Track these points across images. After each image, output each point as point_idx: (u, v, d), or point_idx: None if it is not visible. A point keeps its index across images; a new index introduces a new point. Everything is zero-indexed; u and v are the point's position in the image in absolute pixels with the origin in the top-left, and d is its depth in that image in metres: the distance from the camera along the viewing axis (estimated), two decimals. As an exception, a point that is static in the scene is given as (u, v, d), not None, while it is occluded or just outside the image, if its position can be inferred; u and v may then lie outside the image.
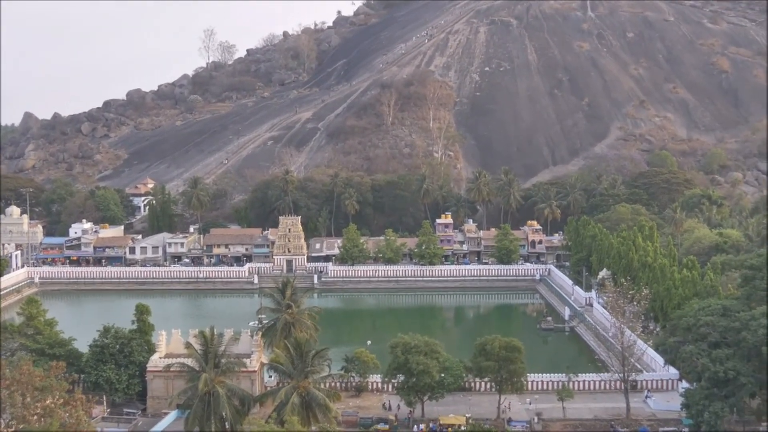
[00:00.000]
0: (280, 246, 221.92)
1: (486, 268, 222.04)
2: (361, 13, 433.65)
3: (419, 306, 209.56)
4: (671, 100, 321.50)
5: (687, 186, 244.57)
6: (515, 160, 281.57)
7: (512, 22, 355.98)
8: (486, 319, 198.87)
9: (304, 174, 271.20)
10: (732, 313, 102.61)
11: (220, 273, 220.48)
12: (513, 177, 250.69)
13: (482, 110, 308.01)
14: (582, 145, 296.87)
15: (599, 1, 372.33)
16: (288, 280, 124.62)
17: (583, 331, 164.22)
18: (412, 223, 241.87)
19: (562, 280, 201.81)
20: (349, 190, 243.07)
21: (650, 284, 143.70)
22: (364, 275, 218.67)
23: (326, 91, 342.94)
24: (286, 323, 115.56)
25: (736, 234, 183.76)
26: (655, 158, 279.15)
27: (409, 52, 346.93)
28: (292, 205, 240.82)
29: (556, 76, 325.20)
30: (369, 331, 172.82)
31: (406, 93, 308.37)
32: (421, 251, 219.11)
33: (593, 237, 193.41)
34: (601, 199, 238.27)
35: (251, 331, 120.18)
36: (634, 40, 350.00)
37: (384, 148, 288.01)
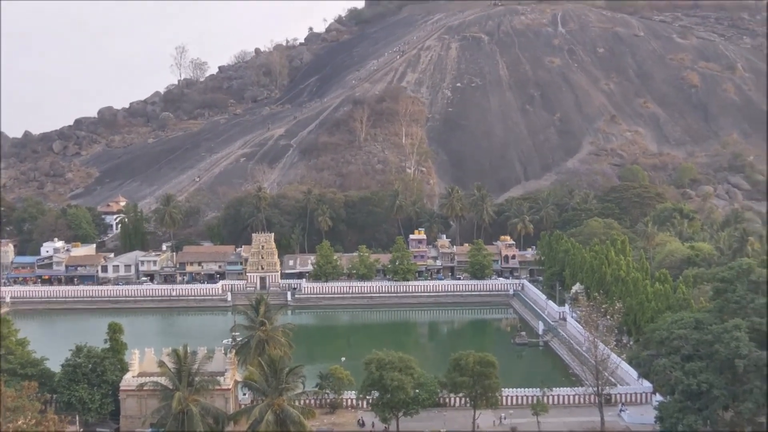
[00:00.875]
0: (254, 263, 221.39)
1: (460, 284, 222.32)
2: (332, 29, 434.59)
3: (393, 322, 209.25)
4: (642, 115, 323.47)
5: (658, 200, 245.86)
6: (488, 176, 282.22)
7: (484, 38, 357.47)
8: (460, 335, 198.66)
9: (277, 191, 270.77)
10: (704, 326, 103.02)
11: (193, 291, 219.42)
12: (486, 192, 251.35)
13: (454, 126, 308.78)
14: (554, 160, 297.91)
15: (570, 16, 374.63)
16: (261, 298, 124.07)
17: (557, 346, 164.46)
18: (386, 239, 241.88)
19: (535, 295, 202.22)
20: (322, 206, 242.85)
21: (623, 298, 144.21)
22: (338, 292, 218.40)
23: (298, 108, 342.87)
24: (260, 340, 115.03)
25: (708, 247, 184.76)
26: (627, 172, 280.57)
27: (381, 69, 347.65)
28: (265, 222, 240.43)
29: (527, 92, 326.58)
30: (343, 347, 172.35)
31: (379, 109, 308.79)
32: (395, 267, 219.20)
33: (566, 251, 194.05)
34: (574, 214, 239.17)
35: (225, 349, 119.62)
36: (604, 56, 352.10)
37: (357, 164, 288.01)
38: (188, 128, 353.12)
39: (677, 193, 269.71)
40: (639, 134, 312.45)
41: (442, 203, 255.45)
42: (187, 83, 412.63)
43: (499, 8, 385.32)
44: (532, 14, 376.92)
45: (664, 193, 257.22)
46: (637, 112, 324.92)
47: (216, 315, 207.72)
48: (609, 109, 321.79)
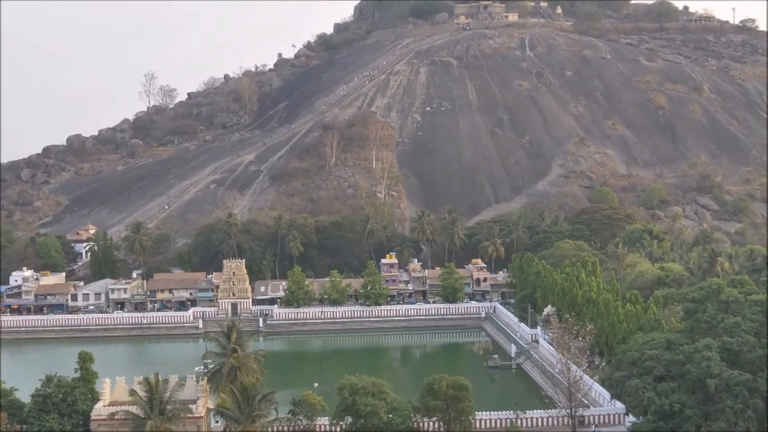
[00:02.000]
0: (225, 290, 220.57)
1: (432, 307, 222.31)
2: (301, 55, 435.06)
3: (366, 347, 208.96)
4: (610, 137, 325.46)
5: (628, 221, 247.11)
6: (458, 199, 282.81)
7: (452, 63, 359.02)
8: (433, 358, 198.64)
9: (248, 217, 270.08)
10: (676, 346, 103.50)
11: (164, 318, 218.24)
12: (456, 216, 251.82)
13: (424, 150, 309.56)
14: (524, 182, 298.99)
15: (537, 40, 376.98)
16: (233, 324, 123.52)
17: (529, 368, 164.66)
18: (357, 264, 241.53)
19: (507, 318, 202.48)
20: (293, 232, 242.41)
21: (595, 319, 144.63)
22: (310, 317, 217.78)
23: (268, 134, 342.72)
24: (232, 367, 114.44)
25: (678, 268, 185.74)
26: (596, 194, 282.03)
27: (351, 94, 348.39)
28: (236, 249, 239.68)
29: (497, 115, 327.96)
30: (316, 373, 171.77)
31: (349, 134, 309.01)
32: (367, 292, 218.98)
33: (537, 274, 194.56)
34: (544, 236, 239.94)
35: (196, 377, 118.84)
36: (572, 79, 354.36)
37: (327, 189, 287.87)
38: (158, 155, 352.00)
39: (647, 214, 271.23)
40: (608, 156, 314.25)
41: (413, 227, 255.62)
42: (156, 110, 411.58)
43: (467, 32, 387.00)
44: (500, 38, 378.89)
45: (633, 215, 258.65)
46: (605, 134, 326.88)
47: (187, 342, 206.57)
48: (578, 131, 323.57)
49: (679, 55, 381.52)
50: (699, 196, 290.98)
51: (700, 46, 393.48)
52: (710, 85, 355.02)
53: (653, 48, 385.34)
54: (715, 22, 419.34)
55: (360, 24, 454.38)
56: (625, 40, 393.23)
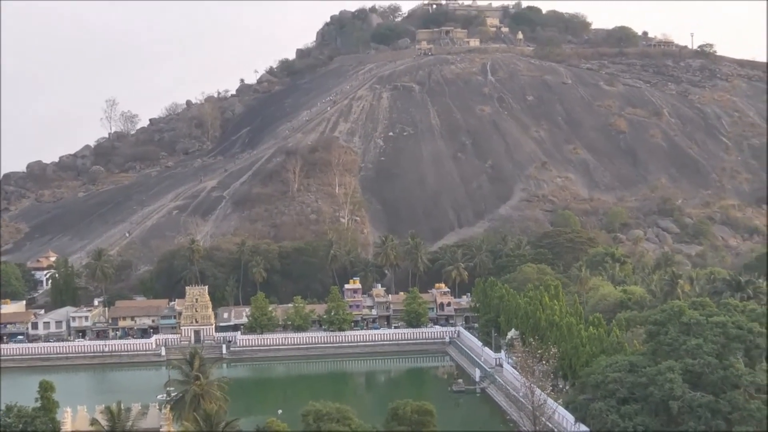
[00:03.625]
0: (188, 316, 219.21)
1: (396, 333, 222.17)
2: (264, 80, 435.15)
3: (330, 372, 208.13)
4: (572, 161, 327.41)
5: (590, 245, 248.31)
6: (421, 224, 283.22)
7: (414, 88, 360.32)
8: (397, 384, 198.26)
9: (211, 243, 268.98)
10: (639, 368, 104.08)
11: (126, 346, 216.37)
12: (420, 240, 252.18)
13: (387, 175, 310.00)
14: (487, 207, 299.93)
15: (499, 65, 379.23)
16: (196, 351, 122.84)
17: (494, 392, 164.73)
18: (321, 290, 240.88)
19: (471, 342, 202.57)
20: (256, 258, 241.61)
21: (558, 343, 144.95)
22: (274, 343, 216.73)
23: (231, 159, 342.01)
24: (195, 395, 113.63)
25: (640, 290, 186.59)
26: (559, 218, 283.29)
27: (314, 119, 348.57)
28: (198, 275, 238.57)
29: (459, 140, 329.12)
30: (280, 400, 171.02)
31: (311, 159, 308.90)
32: (331, 317, 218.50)
33: (501, 298, 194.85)
34: (508, 260, 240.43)
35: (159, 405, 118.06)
36: (534, 103, 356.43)
37: (290, 214, 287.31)
38: (119, 181, 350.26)
39: (608, 238, 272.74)
40: (570, 180, 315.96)
41: (377, 252, 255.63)
42: (117, 136, 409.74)
43: (430, 58, 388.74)
44: (461, 63, 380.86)
45: (595, 238, 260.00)
46: (567, 158, 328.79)
47: (150, 370, 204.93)
48: (539, 155, 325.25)
49: (638, 79, 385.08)
50: (660, 220, 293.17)
51: (659, 71, 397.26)
52: (670, 110, 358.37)
53: (613, 73, 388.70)
54: (674, 47, 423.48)
55: (322, 49, 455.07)
56: (585, 65, 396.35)
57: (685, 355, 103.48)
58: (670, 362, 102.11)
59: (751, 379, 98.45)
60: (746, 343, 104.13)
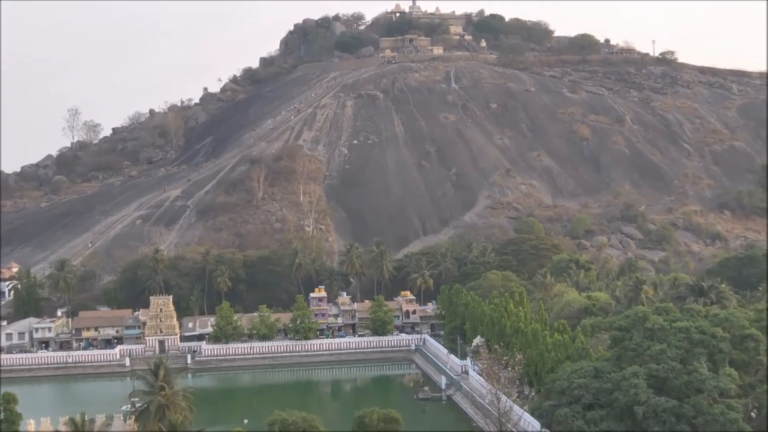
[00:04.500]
0: (152, 326, 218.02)
1: (361, 341, 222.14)
2: (227, 89, 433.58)
3: (296, 381, 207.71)
4: (536, 168, 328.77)
5: (555, 251, 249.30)
6: (387, 232, 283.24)
7: (379, 96, 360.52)
8: (363, 392, 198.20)
9: (175, 252, 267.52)
10: (603, 374, 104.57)
11: (89, 357, 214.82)
12: (385, 248, 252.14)
13: (352, 183, 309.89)
14: (451, 214, 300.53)
15: (463, 73, 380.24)
16: (160, 361, 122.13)
17: (460, 399, 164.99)
18: (286, 298, 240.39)
19: (437, 349, 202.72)
20: (220, 267, 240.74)
21: (523, 349, 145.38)
22: (239, 353, 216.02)
23: (195, 168, 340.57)
24: (160, 405, 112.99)
25: (604, 296, 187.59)
26: (523, 225, 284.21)
27: (278, 127, 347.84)
28: (163, 285, 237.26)
29: (423, 148, 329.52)
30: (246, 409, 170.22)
31: (276, 168, 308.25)
32: (296, 326, 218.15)
33: (466, 305, 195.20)
34: (473, 267, 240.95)
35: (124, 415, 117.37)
36: (497, 111, 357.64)
37: (255, 223, 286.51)
38: (82, 191, 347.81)
39: (573, 244, 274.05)
40: (534, 187, 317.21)
41: (342, 260, 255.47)
42: (80, 146, 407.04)
43: (393, 66, 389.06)
44: (425, 71, 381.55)
45: (560, 245, 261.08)
46: (531, 165, 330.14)
47: (114, 381, 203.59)
48: (504, 163, 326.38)
49: (601, 86, 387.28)
50: (623, 226, 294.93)
51: (621, 78, 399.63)
52: (632, 116, 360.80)
53: (576, 80, 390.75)
54: (635, 54, 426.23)
55: (286, 58, 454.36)
56: (548, 73, 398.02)
57: (649, 360, 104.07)
58: (634, 368, 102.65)
59: (714, 383, 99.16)
60: (709, 348, 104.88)
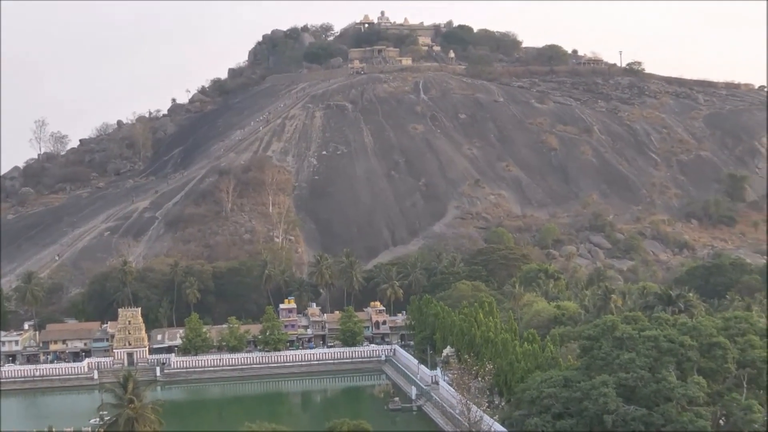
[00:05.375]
0: (121, 339, 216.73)
1: (331, 352, 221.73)
2: (196, 100, 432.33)
3: (266, 393, 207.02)
4: (505, 178, 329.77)
5: (524, 261, 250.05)
6: (356, 242, 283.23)
7: (347, 106, 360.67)
8: (334, 403, 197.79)
9: (143, 264, 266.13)
10: (573, 383, 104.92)
11: (57, 370, 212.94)
12: (354, 259, 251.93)
13: (321, 194, 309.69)
14: (421, 224, 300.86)
15: (431, 84, 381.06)
16: (129, 374, 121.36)
17: (430, 410, 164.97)
18: (256, 310, 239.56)
19: (407, 360, 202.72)
20: (189, 278, 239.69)
21: (493, 359, 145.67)
22: (208, 365, 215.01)
23: (163, 180, 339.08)
24: (129, 419, 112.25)
25: (573, 306, 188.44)
26: (492, 235, 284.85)
27: (247, 138, 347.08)
28: (131, 297, 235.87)
29: (392, 158, 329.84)
30: (215, 422, 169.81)
31: (245, 179, 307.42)
32: (266, 337, 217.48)
33: (436, 315, 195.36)
34: (442, 278, 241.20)
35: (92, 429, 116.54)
36: (466, 121, 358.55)
37: (224, 234, 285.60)
38: (49, 203, 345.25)
39: (542, 254, 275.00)
40: (503, 197, 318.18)
41: (312, 271, 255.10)
42: (47, 157, 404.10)
43: (362, 77, 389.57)
44: (394, 82, 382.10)
45: (529, 254, 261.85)
46: (499, 175, 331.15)
47: (82, 394, 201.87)
48: (473, 173, 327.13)
49: (569, 97, 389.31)
50: (592, 235, 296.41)
51: (589, 89, 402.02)
52: (600, 126, 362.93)
53: (544, 90, 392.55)
54: (603, 65, 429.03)
55: (255, 69, 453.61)
56: (516, 83, 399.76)
57: (618, 369, 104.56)
58: (603, 377, 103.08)
59: (683, 391, 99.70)
60: (678, 357, 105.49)
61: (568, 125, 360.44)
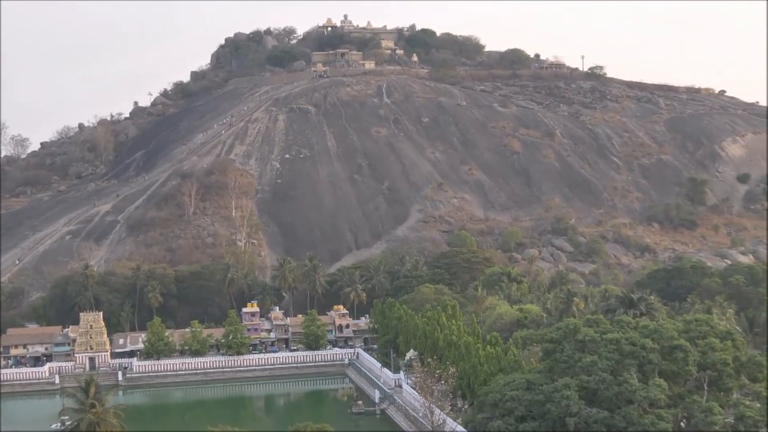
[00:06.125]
0: (82, 343, 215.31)
1: (294, 355, 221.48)
2: (158, 103, 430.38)
3: (229, 397, 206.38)
4: (468, 182, 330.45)
5: (487, 264, 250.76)
6: (319, 246, 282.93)
7: (311, 110, 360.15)
8: (297, 407, 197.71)
9: (105, 268, 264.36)
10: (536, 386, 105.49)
11: (18, 375, 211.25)
12: (317, 262, 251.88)
13: (284, 197, 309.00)
14: (384, 228, 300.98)
15: (394, 87, 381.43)
16: (91, 379, 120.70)
17: (393, 413, 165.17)
18: (218, 314, 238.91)
19: (370, 363, 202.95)
20: (152, 282, 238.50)
21: (456, 362, 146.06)
22: (171, 369, 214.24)
23: (125, 183, 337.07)
24: (91, 423, 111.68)
25: (536, 309, 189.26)
26: (455, 238, 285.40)
27: (209, 141, 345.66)
28: (93, 301, 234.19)
29: (355, 162, 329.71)
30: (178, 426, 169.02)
31: (207, 182, 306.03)
32: (228, 341, 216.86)
33: (399, 318, 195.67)
34: (405, 281, 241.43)
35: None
36: (429, 125, 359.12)
37: (186, 238, 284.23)
38: (10, 207, 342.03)
39: (504, 257, 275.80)
40: (465, 200, 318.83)
41: (275, 275, 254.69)
42: (7, 160, 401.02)
43: (325, 80, 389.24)
44: (357, 85, 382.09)
45: (491, 258, 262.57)
46: (462, 179, 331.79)
47: (43, 399, 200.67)
48: (436, 176, 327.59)
49: (531, 101, 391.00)
50: (554, 239, 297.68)
51: (551, 93, 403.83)
52: (562, 130, 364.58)
53: (507, 94, 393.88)
54: (565, 69, 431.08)
55: (217, 72, 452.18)
56: (479, 87, 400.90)
57: (580, 372, 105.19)
58: (566, 379, 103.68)
59: (644, 394, 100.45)
60: (639, 359, 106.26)
61: (530, 129, 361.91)
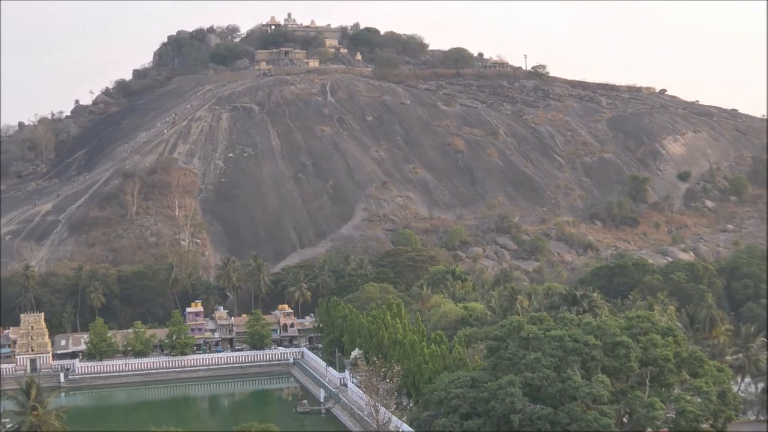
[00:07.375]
0: (23, 345, 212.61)
1: (239, 355, 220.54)
2: (100, 101, 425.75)
3: (173, 398, 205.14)
4: (412, 180, 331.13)
5: (431, 263, 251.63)
6: (263, 245, 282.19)
7: (254, 108, 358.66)
8: (242, 407, 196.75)
9: (46, 268, 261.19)
10: (480, 383, 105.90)
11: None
12: (262, 262, 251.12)
13: (228, 196, 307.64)
14: (329, 227, 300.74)
15: (339, 86, 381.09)
16: (32, 380, 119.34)
17: (339, 412, 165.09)
18: (162, 314, 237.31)
19: (315, 362, 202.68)
20: (94, 283, 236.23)
21: (401, 360, 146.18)
22: (114, 370, 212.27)
23: (67, 182, 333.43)
24: (32, 426, 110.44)
25: (480, 307, 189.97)
26: (400, 237, 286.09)
27: (152, 140, 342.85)
28: (34, 302, 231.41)
29: (300, 160, 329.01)
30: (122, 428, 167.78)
31: (150, 181, 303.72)
32: (172, 341, 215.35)
33: (344, 317, 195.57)
34: (350, 280, 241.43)
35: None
36: (373, 123, 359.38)
37: (129, 238, 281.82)
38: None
39: (449, 255, 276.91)
40: (410, 199, 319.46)
41: (219, 274, 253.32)
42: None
43: (269, 78, 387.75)
44: (301, 84, 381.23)
45: (436, 256, 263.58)
46: (407, 177, 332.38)
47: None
48: (380, 175, 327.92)
49: (475, 99, 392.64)
50: (498, 237, 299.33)
51: (495, 92, 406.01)
52: (505, 129, 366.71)
53: (450, 93, 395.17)
54: (508, 68, 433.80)
55: (160, 70, 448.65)
56: (423, 86, 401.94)
57: (524, 369, 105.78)
58: (510, 376, 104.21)
59: (587, 390, 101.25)
60: (582, 356, 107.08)
61: (474, 128, 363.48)
